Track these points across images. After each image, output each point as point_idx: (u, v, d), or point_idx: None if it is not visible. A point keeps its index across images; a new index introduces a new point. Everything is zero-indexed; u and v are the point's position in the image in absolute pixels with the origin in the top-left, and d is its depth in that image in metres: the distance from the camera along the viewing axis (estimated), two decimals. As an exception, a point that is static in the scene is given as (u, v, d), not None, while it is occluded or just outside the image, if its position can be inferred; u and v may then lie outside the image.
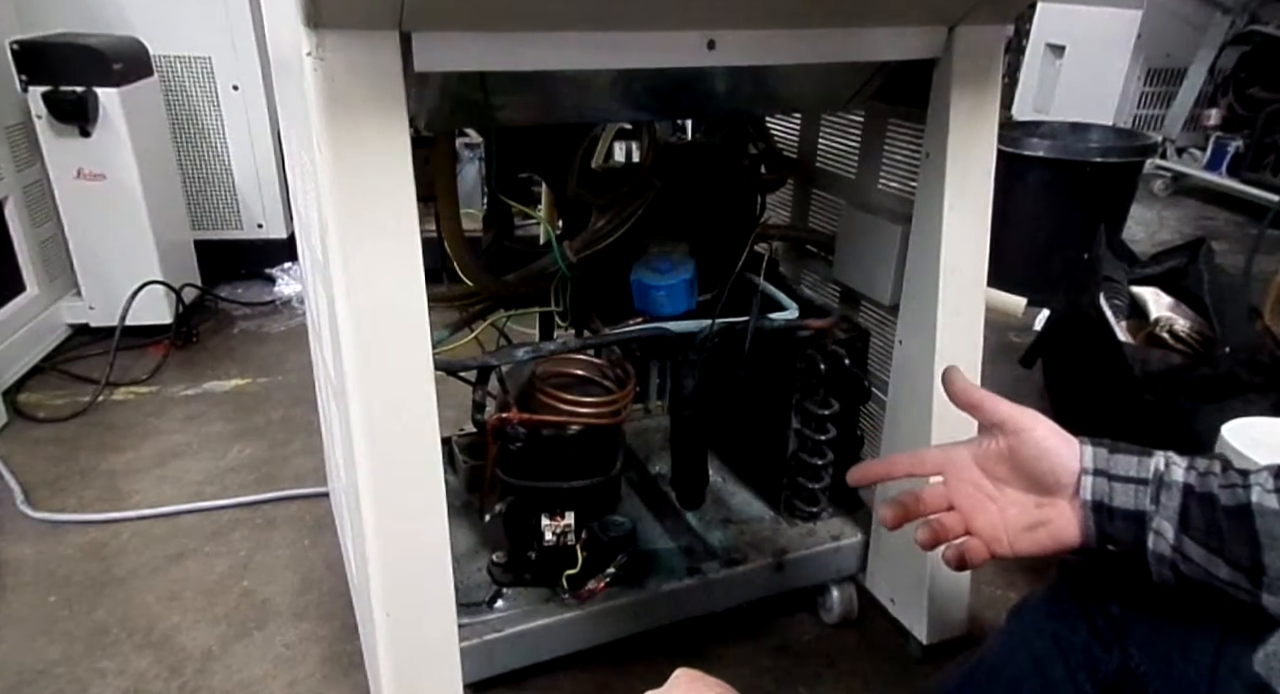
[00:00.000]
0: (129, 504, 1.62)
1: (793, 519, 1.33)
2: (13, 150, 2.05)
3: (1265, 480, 0.62)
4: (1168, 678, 0.74)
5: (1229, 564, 0.62)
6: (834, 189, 1.34)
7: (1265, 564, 0.61)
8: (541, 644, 1.14)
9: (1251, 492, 0.62)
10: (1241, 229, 3.44)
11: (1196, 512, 0.63)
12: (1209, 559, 0.63)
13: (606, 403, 1.12)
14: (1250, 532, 0.61)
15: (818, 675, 1.26)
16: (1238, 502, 0.62)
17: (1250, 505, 0.61)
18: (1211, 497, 0.63)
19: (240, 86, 2.42)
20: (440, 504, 0.87)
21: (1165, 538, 0.64)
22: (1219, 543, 0.62)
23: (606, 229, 1.20)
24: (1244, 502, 0.61)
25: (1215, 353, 1.56)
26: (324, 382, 1.21)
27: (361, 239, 0.77)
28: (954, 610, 1.25)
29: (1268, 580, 0.61)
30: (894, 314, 1.18)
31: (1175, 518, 0.64)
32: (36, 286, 2.14)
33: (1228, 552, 0.62)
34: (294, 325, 2.41)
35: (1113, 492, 0.66)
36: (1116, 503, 0.66)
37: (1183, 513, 0.64)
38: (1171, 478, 0.65)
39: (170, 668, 1.26)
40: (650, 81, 1.01)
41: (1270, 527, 0.60)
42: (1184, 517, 0.64)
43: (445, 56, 0.76)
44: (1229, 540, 0.62)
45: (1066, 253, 2.29)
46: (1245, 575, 0.62)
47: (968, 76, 1.00)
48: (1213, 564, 0.63)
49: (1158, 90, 3.80)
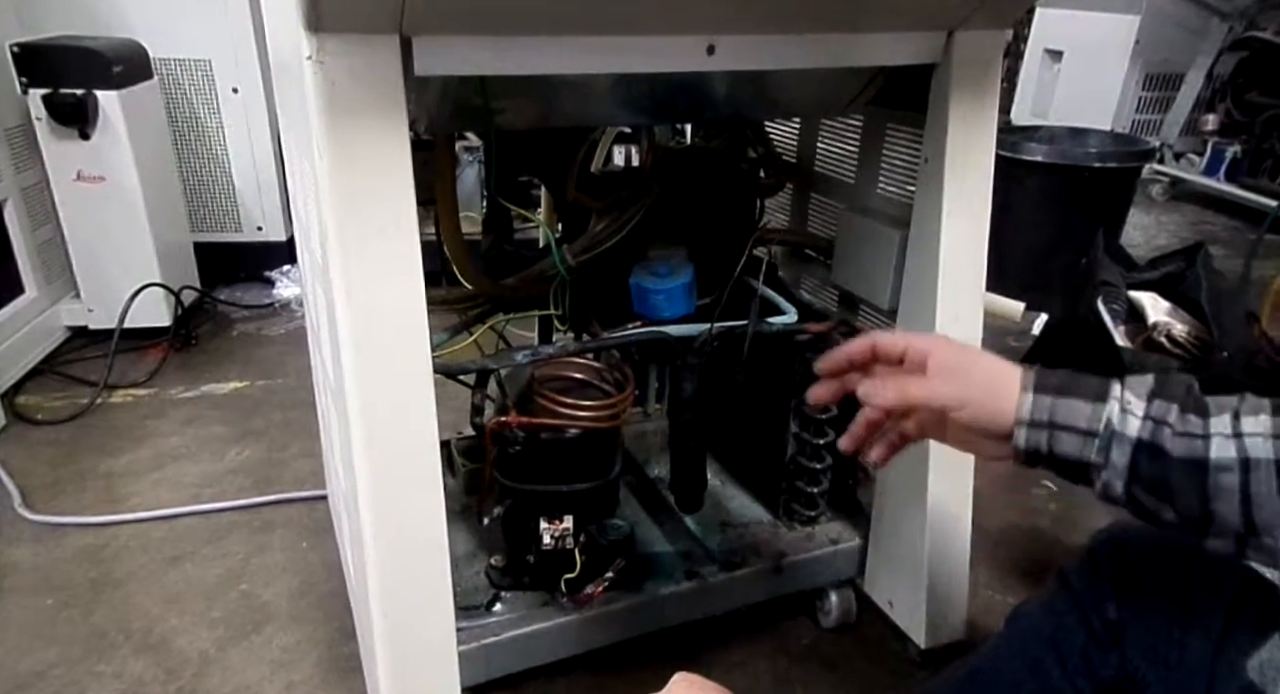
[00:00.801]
0: (127, 507, 1.62)
1: (791, 523, 1.33)
2: (12, 153, 2.05)
3: (1225, 425, 0.61)
4: (1165, 681, 0.74)
5: (1177, 512, 0.62)
6: (833, 193, 1.34)
7: (1213, 512, 0.60)
8: (540, 648, 1.14)
9: (1210, 443, 0.60)
10: (1239, 234, 3.45)
11: (1146, 465, 0.62)
12: (1157, 505, 0.63)
13: (605, 406, 1.12)
14: (1200, 484, 0.60)
15: (816, 679, 1.26)
16: (1193, 455, 0.61)
17: (1207, 461, 0.60)
18: (1163, 450, 0.61)
19: (240, 89, 2.42)
20: (439, 507, 0.87)
21: (1115, 488, 0.63)
22: (1169, 494, 0.62)
23: (605, 233, 1.20)
24: (1200, 456, 0.60)
25: (1213, 357, 1.56)
26: (323, 384, 1.21)
27: (361, 242, 0.77)
28: (952, 614, 1.25)
29: (1214, 528, 0.61)
30: (893, 318, 1.18)
31: (1124, 473, 0.63)
32: (35, 289, 2.14)
33: (1177, 502, 0.61)
34: (293, 328, 2.40)
35: (1054, 440, 0.64)
36: (1058, 450, 0.64)
37: (1132, 467, 0.63)
38: (1125, 430, 0.63)
39: (168, 671, 1.26)
40: (650, 86, 1.02)
41: (1225, 481, 0.59)
42: (1133, 470, 0.63)
43: (445, 60, 0.77)
44: (1178, 494, 0.61)
45: (1064, 257, 2.29)
46: (1192, 523, 0.62)
47: (966, 81, 1.00)
48: (1161, 509, 0.63)
49: (1156, 95, 3.81)
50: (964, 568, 1.23)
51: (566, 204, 1.24)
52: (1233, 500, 0.59)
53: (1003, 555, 1.52)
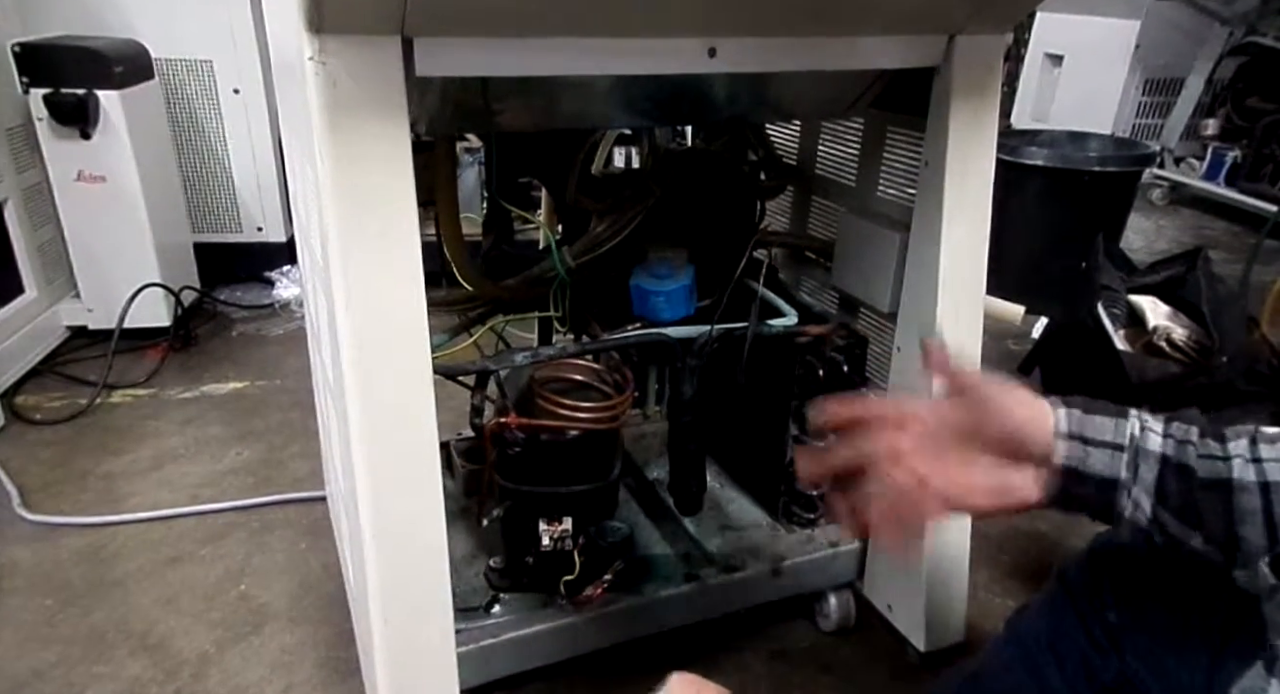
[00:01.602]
0: (126, 507, 1.61)
1: (790, 525, 1.33)
2: (13, 152, 2.05)
3: (1244, 449, 0.61)
4: (1165, 686, 0.74)
5: (1204, 537, 0.62)
6: (833, 196, 1.35)
7: (1240, 537, 0.60)
8: (538, 650, 1.14)
9: (1232, 465, 0.61)
10: (1239, 239, 3.45)
11: (1173, 484, 0.62)
12: (1184, 531, 0.62)
13: (605, 408, 1.12)
14: (1226, 506, 0.60)
15: (815, 682, 1.26)
16: (1216, 475, 0.61)
17: (1231, 481, 0.60)
18: (1189, 469, 0.62)
19: (241, 90, 2.42)
20: (438, 508, 0.87)
21: (1143, 510, 0.63)
22: (1195, 518, 0.62)
23: (606, 234, 1.20)
24: (1224, 476, 0.61)
25: (1213, 362, 1.56)
26: (322, 385, 1.21)
27: (362, 242, 0.77)
28: (952, 618, 1.25)
29: (1241, 555, 0.61)
30: (892, 321, 1.18)
31: (1152, 490, 0.62)
32: (35, 288, 2.14)
33: (1204, 526, 0.61)
34: (292, 328, 2.40)
35: (1088, 457, 0.64)
36: (1091, 469, 0.64)
37: (1159, 485, 0.62)
38: (1148, 446, 0.63)
39: (166, 672, 1.26)
40: (651, 88, 1.02)
41: (1248, 502, 0.60)
42: (1160, 489, 0.62)
43: (447, 61, 0.77)
44: (1205, 516, 0.61)
45: (1065, 261, 2.29)
46: (1218, 548, 0.62)
47: (967, 85, 1.00)
48: (1188, 535, 0.62)
49: (1156, 100, 3.81)
50: (963, 571, 1.23)
51: (567, 206, 1.24)
52: (1257, 523, 0.60)
53: (1002, 558, 1.52)
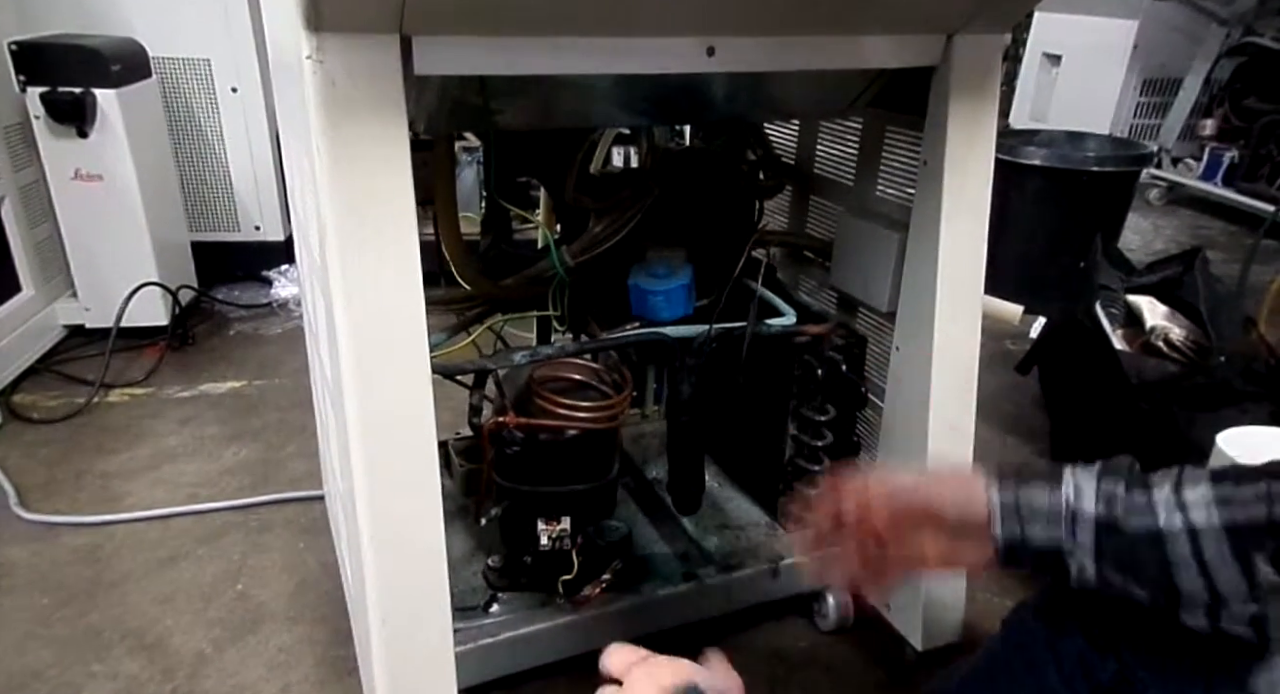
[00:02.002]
0: (123, 506, 1.61)
1: (789, 525, 1.33)
2: (10, 151, 2.04)
3: (1167, 495, 0.63)
4: (1163, 685, 0.74)
5: (1148, 590, 0.64)
6: (832, 196, 1.35)
7: (1179, 586, 0.62)
8: (537, 649, 1.14)
9: (1158, 516, 0.63)
10: (1236, 239, 3.45)
11: (1109, 544, 0.65)
12: (1127, 584, 0.65)
13: (603, 407, 1.11)
14: (1161, 556, 0.62)
15: (813, 682, 1.26)
16: (1146, 528, 0.63)
17: (1160, 532, 0.62)
18: (1118, 526, 0.64)
19: (239, 88, 2.42)
20: (436, 508, 0.87)
21: (1088, 571, 0.66)
22: (1135, 572, 0.64)
23: (605, 234, 1.20)
24: (1154, 528, 0.63)
25: (1210, 362, 1.56)
26: (320, 384, 1.20)
27: (360, 242, 0.77)
28: (949, 617, 1.25)
29: (1184, 600, 0.63)
30: (891, 321, 1.18)
31: (1091, 552, 0.65)
32: (32, 287, 2.13)
33: (1144, 578, 0.64)
34: (290, 328, 2.40)
35: (1025, 532, 0.67)
36: (1031, 543, 0.67)
37: (1097, 546, 0.65)
38: (1082, 509, 0.66)
39: (163, 671, 1.25)
40: (649, 87, 1.02)
41: (1180, 549, 0.62)
42: (1099, 550, 0.65)
43: (445, 60, 0.77)
44: (1143, 569, 0.63)
45: (1063, 261, 2.30)
46: (1163, 595, 0.64)
47: (966, 85, 1.00)
48: (1130, 588, 0.65)
49: (1154, 100, 3.82)
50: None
51: (565, 205, 1.24)
52: (1191, 569, 0.61)
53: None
